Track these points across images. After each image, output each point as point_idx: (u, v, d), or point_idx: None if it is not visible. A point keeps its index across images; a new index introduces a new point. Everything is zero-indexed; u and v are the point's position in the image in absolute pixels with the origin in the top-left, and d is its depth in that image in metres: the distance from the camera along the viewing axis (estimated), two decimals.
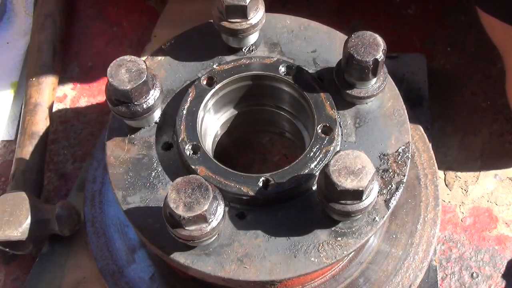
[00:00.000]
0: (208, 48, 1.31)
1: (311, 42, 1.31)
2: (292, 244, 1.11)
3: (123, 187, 1.17)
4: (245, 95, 1.34)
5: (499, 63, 1.71)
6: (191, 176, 1.04)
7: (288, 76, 1.26)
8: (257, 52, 1.31)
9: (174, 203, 1.01)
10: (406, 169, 1.18)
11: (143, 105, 1.16)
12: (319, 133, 1.19)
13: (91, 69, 1.79)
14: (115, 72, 1.13)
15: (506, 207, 1.52)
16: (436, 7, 1.83)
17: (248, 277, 1.09)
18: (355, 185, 1.02)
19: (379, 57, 1.15)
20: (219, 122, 1.38)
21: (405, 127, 1.22)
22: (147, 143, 1.21)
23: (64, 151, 1.64)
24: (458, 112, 1.65)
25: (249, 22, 1.24)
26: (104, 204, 1.41)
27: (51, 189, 1.58)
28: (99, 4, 1.91)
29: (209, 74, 1.26)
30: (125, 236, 1.36)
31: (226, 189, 1.13)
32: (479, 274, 1.44)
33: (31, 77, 1.66)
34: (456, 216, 1.52)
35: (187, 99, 1.23)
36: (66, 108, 1.72)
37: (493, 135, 1.62)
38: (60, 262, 1.43)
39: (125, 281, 1.32)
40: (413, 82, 1.64)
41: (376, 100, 1.24)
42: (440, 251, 1.47)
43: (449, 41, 1.77)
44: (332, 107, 1.21)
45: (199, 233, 1.03)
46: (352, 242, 1.11)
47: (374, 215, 1.13)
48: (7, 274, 1.48)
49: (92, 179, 1.44)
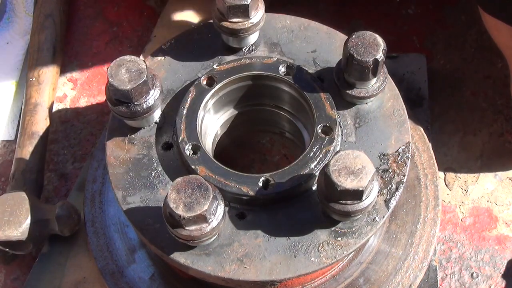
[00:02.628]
0: (208, 48, 1.31)
1: (311, 42, 1.31)
2: (292, 244, 1.11)
3: (123, 187, 1.17)
4: (245, 95, 1.34)
5: (499, 63, 1.71)
6: (191, 176, 1.04)
7: (288, 76, 1.26)
8: (257, 52, 1.31)
9: (174, 203, 1.01)
10: (406, 169, 1.18)
11: (143, 105, 1.16)
12: (319, 133, 1.19)
13: (91, 69, 1.79)
14: (115, 72, 1.13)
15: (506, 207, 1.52)
16: (436, 7, 1.83)
17: (248, 277, 1.09)
18: (355, 185, 1.02)
19: (379, 57, 1.15)
20: (219, 122, 1.38)
21: (405, 127, 1.22)
22: (147, 143, 1.21)
23: (64, 151, 1.64)
24: (458, 112, 1.65)
25: (250, 22, 1.24)
26: (104, 204, 1.41)
27: (51, 189, 1.58)
28: (99, 4, 1.91)
29: (209, 74, 1.26)
30: (125, 236, 1.36)
31: (226, 189, 1.13)
32: (479, 274, 1.44)
33: (31, 77, 1.66)
34: (456, 216, 1.52)
35: (187, 99, 1.23)
36: (66, 108, 1.72)
37: (493, 135, 1.62)
38: (60, 262, 1.43)
39: (125, 281, 1.32)
40: (413, 82, 1.64)
41: (376, 100, 1.24)
42: (440, 251, 1.47)
43: (449, 41, 1.77)
44: (332, 107, 1.21)
45: (199, 233, 1.03)
46: (352, 242, 1.11)
47: (374, 215, 1.13)
48: (7, 274, 1.48)
49: (92, 179, 1.44)
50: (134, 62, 1.14)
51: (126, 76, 1.13)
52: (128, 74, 1.13)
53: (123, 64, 1.14)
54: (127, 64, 1.14)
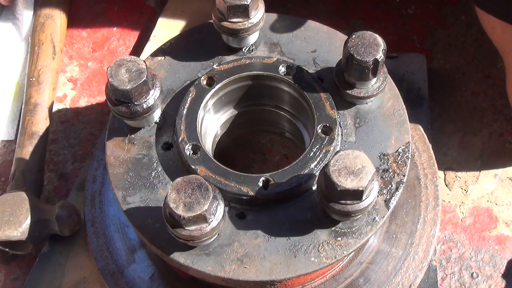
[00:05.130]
0: (208, 48, 1.31)
1: (311, 42, 1.31)
2: (292, 244, 1.11)
3: (123, 187, 1.17)
4: (245, 95, 1.34)
5: (499, 63, 1.71)
6: (191, 176, 1.03)
7: (288, 76, 1.26)
8: (257, 52, 1.31)
9: (174, 203, 1.01)
10: (406, 169, 1.18)
11: (143, 105, 1.16)
12: (319, 133, 1.19)
13: (91, 69, 1.79)
14: (115, 72, 1.13)
15: (506, 207, 1.52)
16: (436, 7, 1.83)
17: (248, 277, 1.09)
18: (355, 185, 1.02)
19: (379, 57, 1.15)
20: (219, 122, 1.38)
21: (405, 127, 1.22)
22: (147, 143, 1.21)
23: (64, 151, 1.64)
24: (458, 112, 1.65)
25: (250, 22, 1.24)
26: (104, 204, 1.41)
27: (51, 189, 1.58)
28: (99, 4, 1.91)
29: (209, 74, 1.26)
30: (125, 236, 1.36)
31: (226, 189, 1.13)
32: (479, 274, 1.44)
33: (31, 77, 1.66)
34: (456, 216, 1.52)
35: (187, 99, 1.23)
36: (66, 108, 1.72)
37: (493, 135, 1.62)
38: (60, 262, 1.43)
39: (125, 281, 1.32)
40: (413, 82, 1.64)
41: (376, 100, 1.24)
42: (440, 251, 1.47)
43: (449, 41, 1.77)
44: (332, 107, 1.21)
45: (199, 233, 1.03)
46: (352, 242, 1.11)
47: (374, 215, 1.13)
48: (7, 274, 1.48)
49: (92, 179, 1.44)
50: (134, 62, 1.14)
51: (126, 76, 1.13)
52: (128, 74, 1.13)
53: (123, 64, 1.14)
54: (127, 64, 1.14)
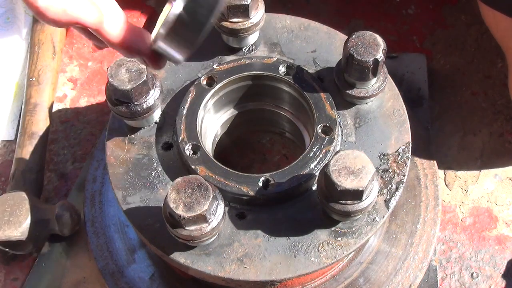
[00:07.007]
0: (208, 48, 1.31)
1: (311, 42, 1.31)
2: (292, 244, 1.11)
3: (123, 187, 1.17)
4: (245, 95, 1.34)
5: (499, 63, 1.71)
6: (191, 176, 1.04)
7: (288, 76, 1.26)
8: (257, 52, 1.31)
9: (174, 203, 1.01)
10: (406, 169, 1.18)
11: (143, 105, 1.16)
12: (319, 133, 1.19)
13: (91, 69, 1.79)
14: (115, 72, 1.13)
15: (506, 207, 1.52)
16: (436, 7, 1.83)
17: (248, 277, 1.09)
18: (355, 185, 1.02)
19: (379, 57, 1.15)
20: (219, 122, 1.38)
21: (405, 127, 1.22)
22: (147, 143, 1.21)
23: (64, 151, 1.64)
24: (458, 112, 1.65)
25: (250, 22, 1.24)
26: (104, 204, 1.41)
27: (51, 189, 1.58)
28: None
29: (209, 74, 1.26)
30: (125, 236, 1.36)
31: (226, 189, 1.13)
32: (479, 274, 1.44)
33: (31, 77, 1.66)
34: (456, 216, 1.51)
35: (187, 99, 1.23)
36: (66, 108, 1.72)
37: (493, 135, 1.62)
38: (60, 262, 1.43)
39: (125, 281, 1.32)
40: (413, 82, 1.64)
41: (376, 100, 1.24)
42: (440, 251, 1.47)
43: (449, 41, 1.77)
44: (332, 107, 1.21)
45: (199, 233, 1.03)
46: (352, 242, 1.11)
47: (374, 215, 1.13)
48: (7, 274, 1.48)
49: (92, 179, 1.44)
50: (134, 62, 1.14)
51: (126, 76, 1.13)
52: (128, 74, 1.13)
53: (123, 64, 1.14)
54: (127, 64, 1.14)
